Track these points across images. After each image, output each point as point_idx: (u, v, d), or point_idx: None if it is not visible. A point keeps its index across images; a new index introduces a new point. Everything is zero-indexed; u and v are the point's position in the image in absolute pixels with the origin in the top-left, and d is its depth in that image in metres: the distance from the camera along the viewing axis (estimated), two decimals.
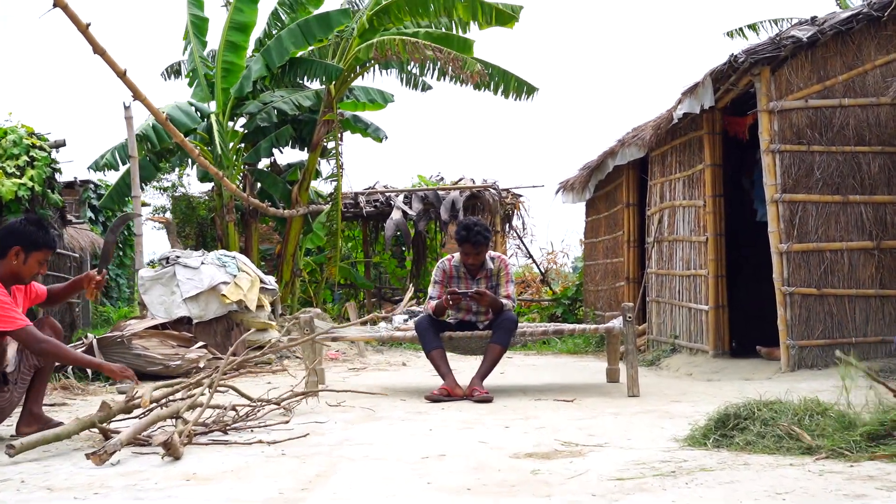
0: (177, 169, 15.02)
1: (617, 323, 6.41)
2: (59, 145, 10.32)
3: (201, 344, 7.84)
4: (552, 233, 39.84)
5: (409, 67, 13.06)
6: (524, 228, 16.91)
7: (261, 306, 8.80)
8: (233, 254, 9.15)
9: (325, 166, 14.63)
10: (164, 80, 13.96)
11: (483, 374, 5.88)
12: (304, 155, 13.57)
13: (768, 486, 2.95)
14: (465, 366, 7.24)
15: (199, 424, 4.22)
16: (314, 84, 13.16)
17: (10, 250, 4.13)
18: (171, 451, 3.63)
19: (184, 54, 13.31)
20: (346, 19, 12.06)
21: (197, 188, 15.96)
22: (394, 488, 3.10)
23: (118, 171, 12.44)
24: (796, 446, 3.51)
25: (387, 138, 14.08)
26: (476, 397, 5.63)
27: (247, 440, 4.09)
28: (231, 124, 12.79)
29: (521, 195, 16.63)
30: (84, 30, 5.85)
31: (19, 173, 9.52)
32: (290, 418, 4.70)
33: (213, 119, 12.01)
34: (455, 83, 12.17)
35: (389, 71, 13.28)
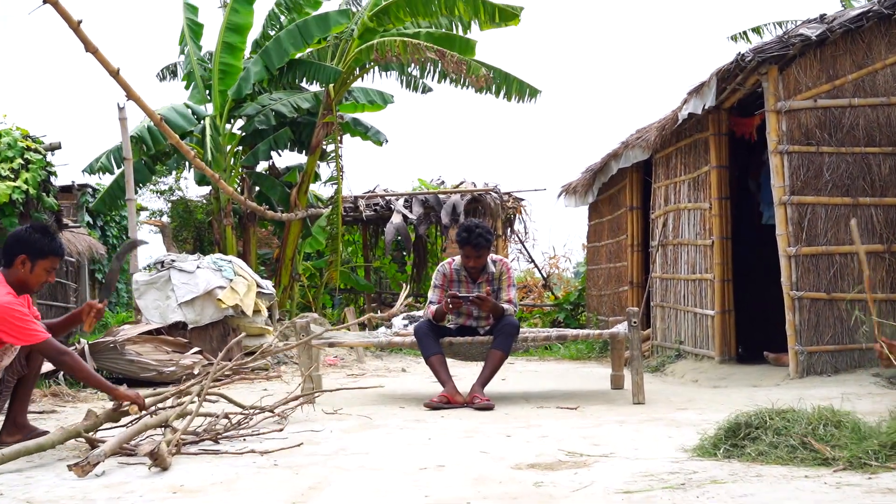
0: (174, 172, 14.92)
1: (622, 328, 6.26)
2: (55, 148, 10.23)
3: (196, 349, 7.71)
4: (554, 237, 39.90)
5: (410, 69, 12.97)
6: (526, 233, 16.83)
7: (258, 311, 8.68)
8: (229, 258, 9.04)
9: (324, 169, 14.54)
10: (159, 80, 13.90)
11: (484, 380, 5.76)
12: (303, 158, 13.48)
13: (784, 500, 2.83)
14: (465, 372, 7.11)
15: (189, 433, 4.09)
16: (313, 86, 13.07)
17: (16, 259, 4.09)
18: (158, 462, 3.50)
19: (180, 56, 13.22)
20: (345, 20, 11.99)
21: (195, 192, 15.89)
22: (390, 501, 3.00)
23: (113, 175, 12.34)
24: (811, 457, 3.40)
25: (387, 142, 13.99)
26: (477, 405, 5.50)
27: (238, 450, 3.95)
28: (229, 127, 12.69)
29: (522, 199, 16.56)
30: (76, 27, 5.79)
31: (14, 176, 9.41)
32: (285, 427, 4.56)
33: (207, 122, 11.90)
34: (456, 86, 12.08)
35: (389, 73, 13.20)
